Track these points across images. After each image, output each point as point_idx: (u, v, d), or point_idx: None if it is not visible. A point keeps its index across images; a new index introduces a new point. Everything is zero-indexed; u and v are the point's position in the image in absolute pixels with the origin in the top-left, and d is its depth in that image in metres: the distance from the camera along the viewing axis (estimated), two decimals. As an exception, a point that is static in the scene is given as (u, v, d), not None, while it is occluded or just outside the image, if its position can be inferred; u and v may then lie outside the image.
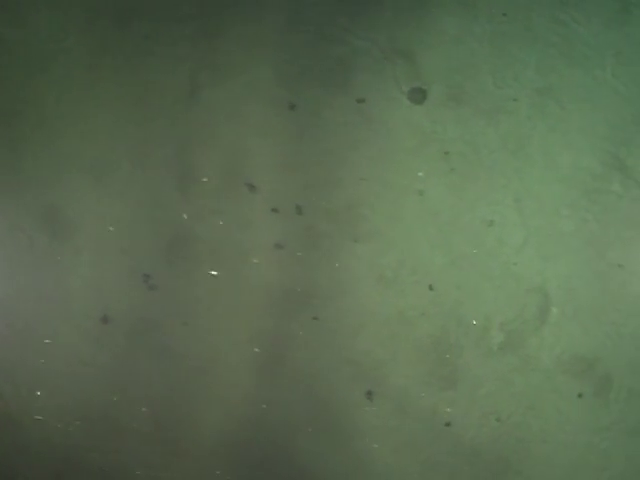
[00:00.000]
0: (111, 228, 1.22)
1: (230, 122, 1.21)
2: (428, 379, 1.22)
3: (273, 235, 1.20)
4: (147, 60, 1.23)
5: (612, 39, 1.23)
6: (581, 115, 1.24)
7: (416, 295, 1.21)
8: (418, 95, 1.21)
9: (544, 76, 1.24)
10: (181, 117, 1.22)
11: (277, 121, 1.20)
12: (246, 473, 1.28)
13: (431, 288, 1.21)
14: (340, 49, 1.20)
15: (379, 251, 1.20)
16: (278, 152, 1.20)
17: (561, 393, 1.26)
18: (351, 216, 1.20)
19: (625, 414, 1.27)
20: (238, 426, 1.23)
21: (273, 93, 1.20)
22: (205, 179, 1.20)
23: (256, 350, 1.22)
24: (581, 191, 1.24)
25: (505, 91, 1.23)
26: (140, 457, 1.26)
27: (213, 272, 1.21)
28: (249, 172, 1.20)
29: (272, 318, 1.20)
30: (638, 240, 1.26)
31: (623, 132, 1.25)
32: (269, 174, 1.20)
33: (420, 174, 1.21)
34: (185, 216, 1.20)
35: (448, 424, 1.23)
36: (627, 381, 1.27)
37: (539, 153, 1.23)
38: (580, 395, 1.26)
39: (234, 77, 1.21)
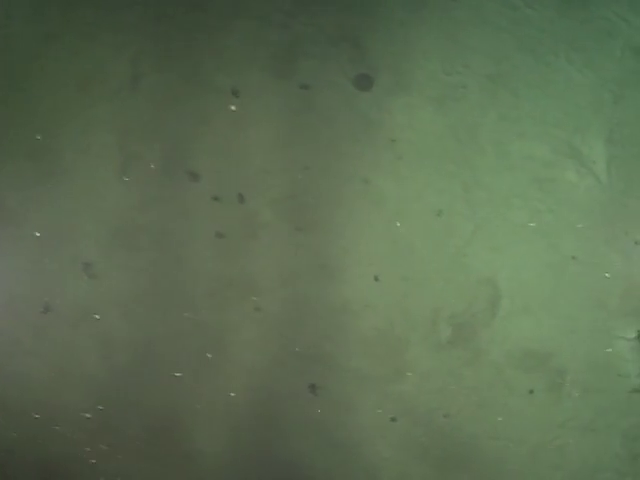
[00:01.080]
0: (52, 216, 1.20)
1: (173, 109, 1.19)
2: (374, 373, 1.19)
3: (214, 224, 1.17)
4: (91, 47, 1.22)
5: (566, 24, 1.20)
6: (534, 102, 1.21)
7: (361, 286, 1.18)
8: (364, 82, 1.18)
9: (495, 62, 1.20)
10: (124, 104, 1.20)
11: (220, 108, 1.18)
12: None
13: (376, 279, 1.18)
14: (284, 35, 1.17)
15: (323, 240, 1.18)
16: (221, 140, 1.17)
17: (512, 389, 1.22)
18: (294, 205, 1.18)
19: (579, 411, 1.23)
20: (174, 414, 1.21)
21: (216, 80, 1.17)
22: (147, 167, 1.19)
23: (196, 340, 1.19)
24: (533, 180, 1.21)
25: (454, 78, 1.20)
26: (81, 444, 1.24)
27: (154, 261, 1.19)
28: (191, 160, 1.18)
29: (213, 309, 1.18)
30: (593, 231, 1.22)
31: (577, 119, 1.21)
32: (211, 162, 1.18)
33: (365, 162, 1.18)
34: (126, 204, 1.18)
35: (394, 419, 1.20)
36: (581, 377, 1.23)
37: (489, 141, 1.20)
38: (531, 391, 1.22)
39: (177, 64, 1.19)
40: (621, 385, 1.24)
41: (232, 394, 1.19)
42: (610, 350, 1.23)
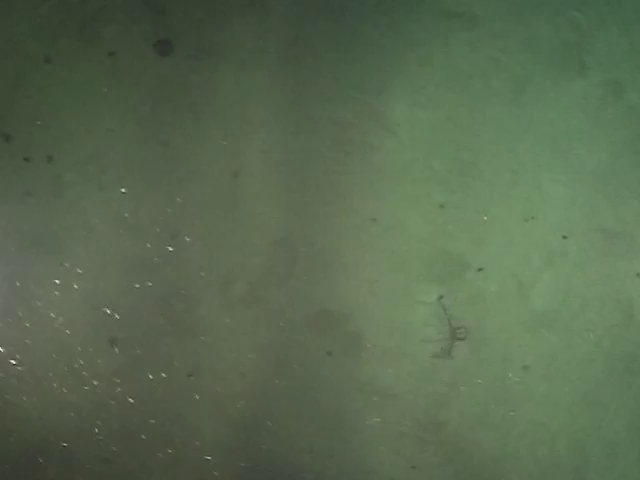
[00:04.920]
0: None
1: (-11, 75, 1.26)
2: (168, 329, 1.21)
3: (24, 183, 1.23)
4: None
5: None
6: (336, 65, 1.23)
7: (158, 244, 1.21)
8: (165, 47, 1.23)
9: (295, 26, 1.23)
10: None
11: (33, 74, 1.24)
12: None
13: (173, 237, 1.21)
14: (92, 2, 1.23)
15: (123, 199, 1.22)
16: (33, 104, 1.23)
17: (309, 350, 1.22)
18: (98, 165, 1.22)
19: (379, 375, 1.22)
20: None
21: (29, 47, 1.24)
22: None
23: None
24: (333, 143, 1.22)
25: (255, 42, 1.23)
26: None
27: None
28: (5, 123, 1.25)
29: (22, 265, 1.23)
30: (393, 193, 1.22)
31: (381, 82, 1.22)
32: (23, 125, 1.24)
33: (167, 125, 1.22)
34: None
35: (190, 375, 1.22)
36: (381, 341, 1.22)
37: (289, 104, 1.22)
38: (329, 353, 1.22)
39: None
40: (423, 351, 1.22)
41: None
42: (411, 314, 1.22)
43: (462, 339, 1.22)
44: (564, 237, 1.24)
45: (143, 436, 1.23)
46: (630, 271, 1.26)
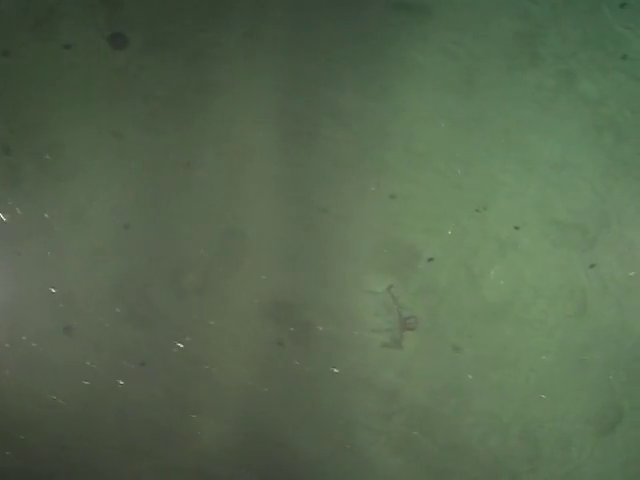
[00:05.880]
0: None
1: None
2: (123, 317, 1.23)
3: (-18, 175, 1.26)
4: None
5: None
6: (286, 56, 1.24)
7: (111, 233, 1.23)
8: (119, 40, 1.25)
9: (248, 19, 1.24)
10: None
11: (-9, 67, 1.27)
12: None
13: (126, 227, 1.23)
14: (51, -2, 1.26)
15: (78, 189, 1.24)
16: (-9, 96, 1.26)
17: (260, 340, 1.23)
18: (54, 156, 1.24)
19: (328, 364, 1.23)
20: None
21: (-13, 41, 1.27)
22: None
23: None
24: (285, 133, 1.23)
25: (209, 34, 1.24)
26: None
27: None
28: (-36, 115, 1.27)
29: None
30: (344, 183, 1.23)
31: (332, 73, 1.23)
32: (-18, 117, 1.27)
33: (120, 118, 1.24)
34: None
35: (143, 364, 1.23)
36: (330, 330, 1.23)
37: (241, 95, 1.24)
38: (280, 342, 1.23)
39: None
40: (373, 340, 1.23)
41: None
42: (361, 304, 1.22)
43: (412, 329, 1.23)
44: (516, 228, 1.24)
45: (98, 423, 1.25)
46: (584, 262, 1.25)
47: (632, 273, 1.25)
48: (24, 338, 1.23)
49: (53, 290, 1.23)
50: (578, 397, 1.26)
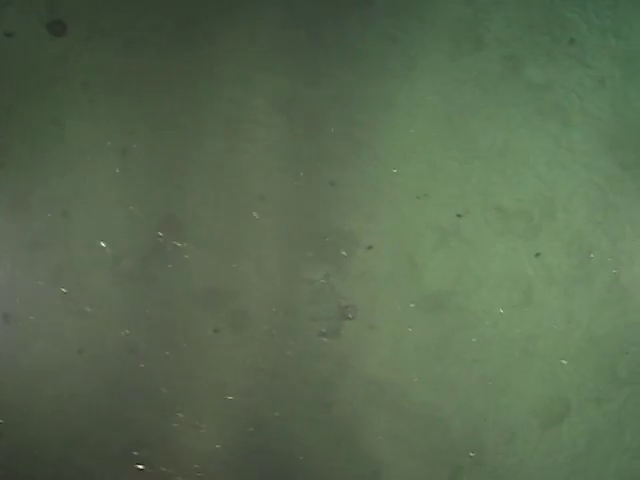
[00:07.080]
0: None
1: None
2: (60, 303, 1.22)
3: None
4: None
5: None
6: (224, 42, 1.23)
7: (49, 221, 1.22)
8: (58, 28, 1.25)
9: (187, 5, 1.23)
10: None
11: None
12: None
13: (64, 214, 1.23)
14: (-10, -14, 1.26)
15: (16, 177, 1.24)
16: None
17: (196, 328, 1.22)
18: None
19: (266, 354, 1.21)
20: None
21: None
22: None
23: None
24: (222, 120, 1.22)
25: (147, 22, 1.24)
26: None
27: None
28: None
29: None
30: (282, 170, 1.21)
31: (268, 58, 1.22)
32: None
33: (60, 105, 1.24)
34: None
35: (80, 351, 1.23)
36: (267, 319, 1.21)
37: (178, 82, 1.23)
38: (216, 331, 1.22)
39: None
40: (310, 330, 1.21)
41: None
42: (298, 293, 1.21)
43: (351, 319, 1.21)
44: (458, 215, 1.22)
45: (35, 411, 1.24)
46: (528, 251, 1.23)
47: (578, 262, 1.22)
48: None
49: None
50: (523, 389, 1.23)
